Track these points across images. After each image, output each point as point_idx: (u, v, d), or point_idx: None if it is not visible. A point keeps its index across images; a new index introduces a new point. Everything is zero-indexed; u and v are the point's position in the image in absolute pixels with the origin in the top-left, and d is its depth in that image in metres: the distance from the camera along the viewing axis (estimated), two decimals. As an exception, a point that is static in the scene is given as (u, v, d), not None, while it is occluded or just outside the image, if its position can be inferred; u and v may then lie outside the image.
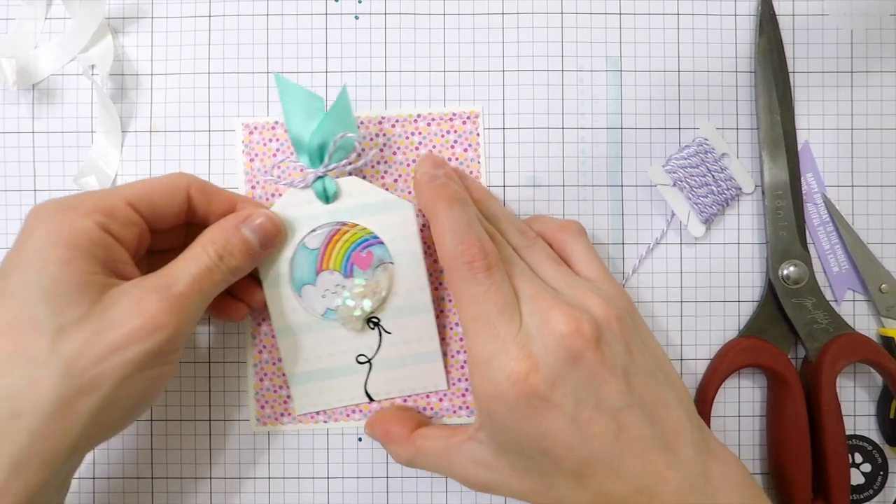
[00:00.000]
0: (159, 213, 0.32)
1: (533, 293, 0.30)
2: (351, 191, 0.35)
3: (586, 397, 0.28)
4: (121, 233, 0.30)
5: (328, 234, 0.35)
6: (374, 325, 0.36)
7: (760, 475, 0.38)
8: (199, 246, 0.31)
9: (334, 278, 0.35)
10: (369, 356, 0.36)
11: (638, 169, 0.38)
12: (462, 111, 0.38)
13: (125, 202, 0.30)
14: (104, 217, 0.29)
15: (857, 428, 0.38)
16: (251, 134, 0.38)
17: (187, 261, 0.31)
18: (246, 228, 0.32)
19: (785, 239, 0.37)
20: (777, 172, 0.37)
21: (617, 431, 0.28)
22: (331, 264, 0.35)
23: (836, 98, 0.38)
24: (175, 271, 0.30)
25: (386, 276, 0.35)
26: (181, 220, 0.33)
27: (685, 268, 0.38)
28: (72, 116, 0.38)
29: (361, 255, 0.35)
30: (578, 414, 0.28)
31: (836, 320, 0.37)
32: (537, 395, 0.28)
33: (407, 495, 0.38)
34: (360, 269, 0.35)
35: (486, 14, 0.38)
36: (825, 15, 0.39)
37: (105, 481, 0.37)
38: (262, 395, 0.37)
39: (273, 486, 0.38)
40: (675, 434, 0.29)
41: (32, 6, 0.38)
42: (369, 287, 0.35)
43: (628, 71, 0.38)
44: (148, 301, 0.28)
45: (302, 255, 0.35)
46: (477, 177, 0.38)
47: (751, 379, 0.38)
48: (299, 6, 0.38)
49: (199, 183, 0.33)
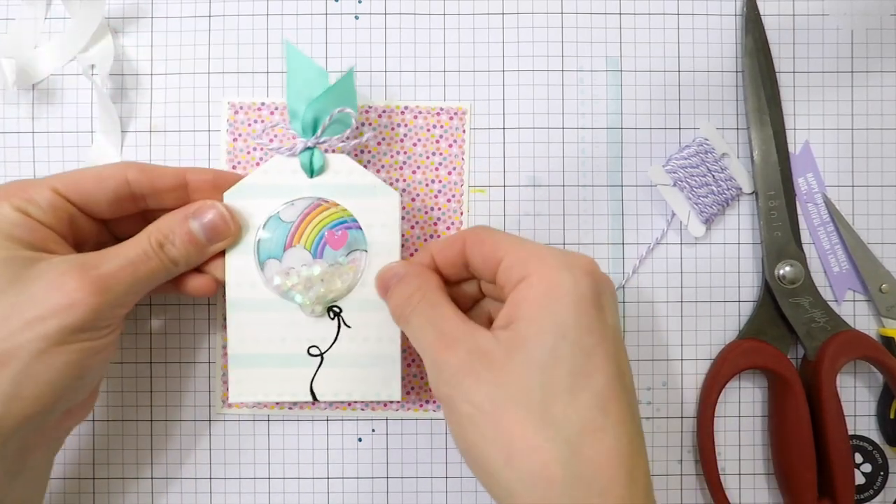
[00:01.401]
0: (92, 198, 0.32)
1: None
2: (339, 168, 0.34)
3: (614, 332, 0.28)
4: (43, 217, 0.30)
5: (305, 208, 0.33)
6: (334, 314, 0.34)
7: (764, 476, 0.38)
8: (143, 233, 0.32)
9: (302, 256, 0.33)
10: (322, 349, 0.34)
11: (638, 169, 0.38)
12: (450, 106, 0.38)
13: (49, 188, 0.31)
14: (22, 201, 0.30)
15: (857, 428, 0.38)
16: (236, 113, 0.38)
17: (126, 245, 0.31)
18: (194, 221, 0.32)
19: (780, 239, 0.37)
20: (769, 173, 0.37)
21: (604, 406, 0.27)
22: (302, 240, 0.33)
23: (836, 98, 0.38)
24: (109, 252, 0.31)
25: (356, 263, 0.34)
26: (127, 206, 0.33)
27: (685, 268, 0.38)
28: (72, 116, 0.38)
29: (336, 235, 0.33)
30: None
31: (833, 318, 0.37)
32: (599, 299, 0.28)
33: (407, 495, 0.38)
34: (332, 249, 0.33)
35: (486, 14, 0.38)
36: (825, 15, 0.39)
37: (105, 481, 0.37)
38: (228, 377, 0.37)
39: (273, 486, 0.37)
40: None
41: (32, 6, 0.38)
42: (336, 269, 0.33)
43: (628, 71, 0.38)
44: (67, 277, 0.29)
45: (273, 226, 0.33)
46: (460, 174, 0.38)
47: (751, 380, 0.38)
48: (299, 6, 0.38)
49: (139, 166, 0.32)
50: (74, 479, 0.37)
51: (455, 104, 0.38)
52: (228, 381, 0.34)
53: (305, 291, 0.33)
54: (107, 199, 0.32)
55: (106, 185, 0.32)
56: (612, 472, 0.26)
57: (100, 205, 0.32)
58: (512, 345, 0.27)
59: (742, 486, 0.38)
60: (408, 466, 0.38)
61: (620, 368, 0.28)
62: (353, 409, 0.38)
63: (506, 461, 0.26)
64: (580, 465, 0.26)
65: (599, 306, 0.28)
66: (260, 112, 0.38)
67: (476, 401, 0.27)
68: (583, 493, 0.26)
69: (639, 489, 0.26)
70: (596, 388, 0.27)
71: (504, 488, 0.27)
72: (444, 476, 0.38)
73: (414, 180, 0.37)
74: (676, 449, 0.38)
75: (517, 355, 0.27)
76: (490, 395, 0.27)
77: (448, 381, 0.28)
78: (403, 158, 0.38)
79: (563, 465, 0.26)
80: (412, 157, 0.38)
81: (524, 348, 0.27)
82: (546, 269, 0.28)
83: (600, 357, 0.27)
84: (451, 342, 0.28)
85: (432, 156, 0.38)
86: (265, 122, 0.37)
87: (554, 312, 0.27)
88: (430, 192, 0.38)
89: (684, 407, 0.38)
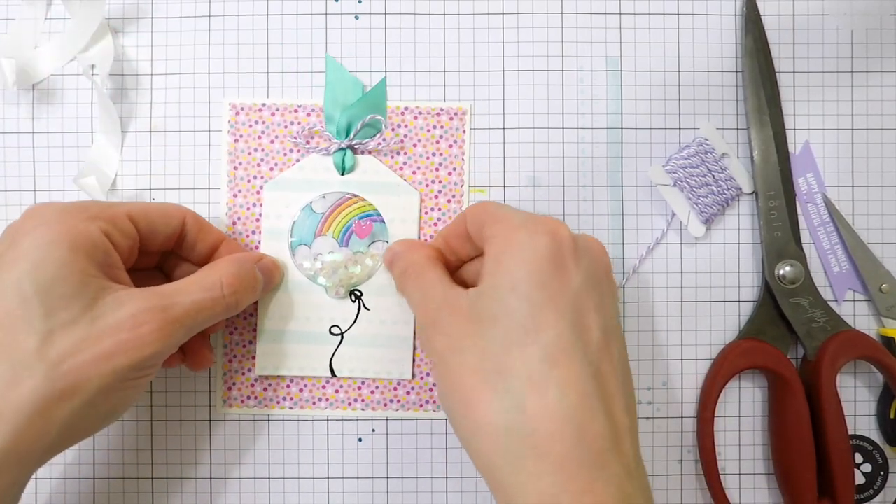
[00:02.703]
0: (155, 232, 0.32)
1: None
2: (367, 168, 0.37)
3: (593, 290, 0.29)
4: (119, 242, 0.31)
5: (336, 201, 0.37)
6: (355, 298, 0.37)
7: (765, 475, 0.38)
8: (213, 275, 0.32)
9: (329, 244, 0.37)
10: (343, 329, 0.37)
11: (638, 169, 0.38)
12: (450, 107, 0.38)
13: (126, 214, 0.31)
14: (106, 223, 0.30)
15: (857, 428, 0.38)
16: (237, 115, 0.38)
17: (197, 287, 0.31)
18: (258, 268, 0.34)
19: (780, 239, 0.37)
20: (769, 173, 0.37)
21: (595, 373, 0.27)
22: (330, 230, 0.37)
23: (836, 98, 0.38)
24: (179, 293, 0.30)
25: (377, 251, 0.37)
26: (171, 244, 0.34)
27: (685, 268, 0.38)
28: (72, 116, 0.38)
29: (363, 226, 0.37)
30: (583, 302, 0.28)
31: (833, 318, 0.37)
32: (563, 258, 0.28)
33: (407, 495, 0.38)
34: (358, 237, 0.37)
35: (486, 14, 0.38)
36: (825, 15, 0.39)
37: (105, 481, 0.37)
38: (229, 377, 0.37)
39: (273, 486, 0.38)
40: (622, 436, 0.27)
41: (32, 6, 0.38)
42: (358, 257, 0.37)
43: (628, 71, 0.38)
44: (142, 318, 0.28)
45: (305, 215, 0.37)
46: (461, 174, 0.38)
47: (751, 380, 0.38)
48: (299, 6, 0.38)
49: (195, 214, 0.34)
50: (74, 479, 0.37)
51: (455, 104, 0.38)
52: (257, 355, 0.37)
53: (330, 275, 0.36)
54: (165, 235, 0.33)
55: (170, 222, 0.33)
56: (554, 427, 0.26)
57: (157, 238, 0.33)
58: (474, 300, 0.29)
59: (742, 486, 0.38)
60: (408, 466, 0.38)
61: (579, 325, 0.27)
62: (354, 409, 0.38)
63: (462, 413, 0.28)
64: (521, 418, 0.26)
65: (558, 264, 0.28)
66: (261, 113, 0.38)
67: (440, 350, 0.29)
68: (522, 447, 0.26)
69: (588, 449, 0.26)
70: (544, 342, 0.27)
71: (461, 435, 0.28)
72: (444, 476, 0.38)
73: (414, 181, 0.38)
74: (676, 449, 0.38)
75: (475, 308, 0.28)
76: (450, 345, 0.28)
77: (423, 335, 0.31)
78: (404, 159, 0.38)
79: (505, 413, 0.26)
80: (412, 157, 0.38)
81: (480, 302, 0.28)
82: (507, 229, 0.29)
83: (551, 312, 0.27)
84: (431, 301, 0.30)
85: (432, 156, 0.38)
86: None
87: (507, 268, 0.28)
88: (430, 193, 0.38)
89: (684, 407, 0.38)
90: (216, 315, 0.31)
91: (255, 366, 0.37)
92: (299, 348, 0.37)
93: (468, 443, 0.28)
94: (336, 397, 0.37)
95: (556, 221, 0.30)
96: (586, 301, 0.28)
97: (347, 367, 0.37)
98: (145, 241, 0.32)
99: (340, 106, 0.37)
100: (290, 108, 0.38)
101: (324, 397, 0.37)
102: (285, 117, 0.38)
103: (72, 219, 0.29)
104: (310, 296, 0.37)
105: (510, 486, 0.26)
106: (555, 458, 0.26)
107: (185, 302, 0.30)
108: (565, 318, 0.27)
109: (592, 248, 0.30)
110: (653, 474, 0.38)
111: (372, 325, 0.37)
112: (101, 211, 0.30)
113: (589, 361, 0.27)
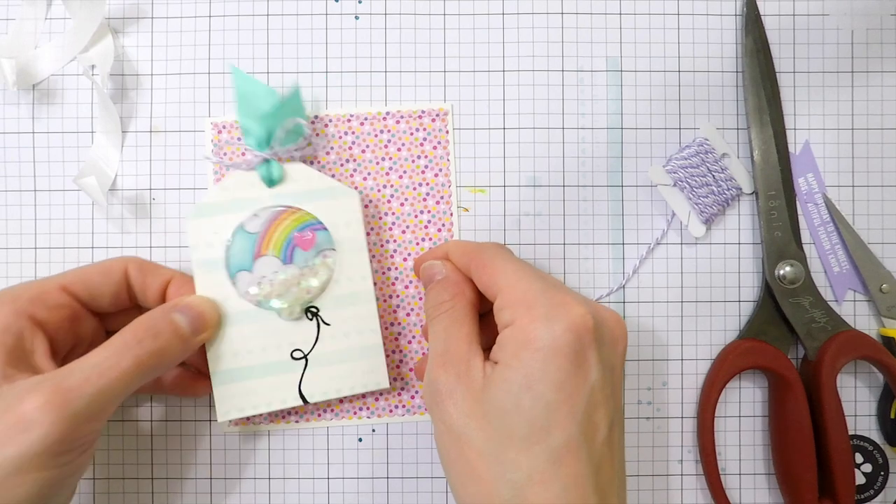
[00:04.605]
0: (97, 293, 0.32)
1: None
2: (297, 176, 0.35)
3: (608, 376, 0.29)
4: (49, 318, 0.30)
5: (270, 216, 0.34)
6: (312, 315, 0.34)
7: (765, 476, 0.38)
8: (118, 333, 0.30)
9: (272, 264, 0.34)
10: (305, 351, 0.34)
11: (638, 169, 0.38)
12: (431, 108, 0.38)
13: (58, 286, 0.31)
14: (28, 304, 0.30)
15: (857, 428, 0.38)
16: (220, 133, 0.38)
17: (98, 351, 0.29)
18: (177, 314, 0.32)
19: (780, 239, 0.37)
20: (769, 173, 0.37)
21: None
22: (270, 249, 0.34)
23: (836, 98, 0.38)
24: (78, 363, 0.28)
25: (327, 261, 0.34)
26: (123, 299, 0.33)
27: (685, 268, 0.38)
28: (72, 116, 0.38)
29: (305, 237, 0.34)
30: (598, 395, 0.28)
31: (833, 318, 0.37)
32: (584, 350, 0.28)
33: (407, 495, 0.38)
34: (302, 249, 0.34)
35: (486, 14, 0.38)
36: (825, 15, 0.39)
37: (105, 481, 0.37)
38: None
39: (273, 487, 0.37)
40: None
41: (32, 6, 0.38)
42: (310, 270, 0.34)
43: (628, 71, 0.38)
44: (25, 398, 0.26)
45: (240, 238, 0.34)
46: (447, 175, 0.38)
47: (751, 379, 0.38)
48: (299, 6, 0.38)
49: (137, 262, 0.33)
50: (74, 479, 0.37)
51: (437, 105, 0.38)
52: (215, 400, 0.34)
53: (283, 295, 0.34)
54: (110, 293, 0.32)
55: (110, 278, 0.32)
56: None
57: (104, 298, 0.32)
58: (489, 383, 0.28)
59: (742, 486, 0.38)
60: (408, 466, 0.38)
61: (588, 424, 0.27)
62: (360, 417, 0.37)
63: (461, 485, 0.28)
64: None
65: (578, 362, 0.27)
66: None
67: (448, 422, 0.28)
68: None
69: None
70: (553, 443, 0.27)
71: (460, 501, 0.28)
72: (444, 476, 0.38)
73: (401, 185, 0.37)
74: (676, 449, 0.38)
75: (488, 395, 0.28)
76: (460, 422, 0.28)
77: (433, 396, 0.29)
78: (389, 164, 0.37)
79: (506, 503, 0.26)
80: (397, 161, 0.38)
81: (493, 391, 0.28)
82: (527, 320, 0.28)
83: (563, 414, 0.27)
84: (450, 361, 0.30)
85: (417, 159, 0.38)
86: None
87: (525, 364, 0.27)
88: (418, 196, 0.38)
89: (684, 407, 0.38)
90: (126, 373, 0.29)
91: (217, 412, 0.34)
92: (262, 382, 0.34)
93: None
94: (341, 407, 0.37)
95: (578, 306, 0.28)
96: (599, 396, 0.28)
97: (320, 391, 0.34)
98: (92, 304, 0.32)
99: (256, 116, 0.34)
100: None
101: (329, 408, 0.37)
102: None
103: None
104: (262, 323, 0.34)
105: None
106: None
107: (84, 368, 0.28)
108: (576, 419, 0.27)
109: (614, 333, 0.29)
110: (653, 474, 0.38)
111: (336, 340, 0.34)
112: (25, 291, 0.30)
113: (592, 459, 0.27)
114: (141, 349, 0.29)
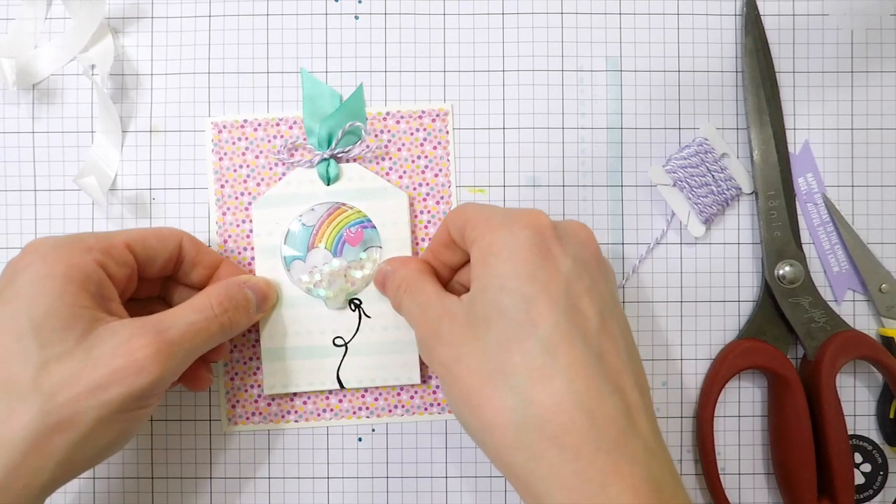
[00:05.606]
0: (153, 257, 0.33)
1: None
2: (351, 175, 0.37)
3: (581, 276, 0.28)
4: (114, 271, 0.31)
5: (325, 212, 0.37)
6: (355, 306, 0.37)
7: (764, 476, 0.38)
8: (203, 297, 0.32)
9: (323, 255, 0.37)
10: (346, 339, 0.37)
11: (638, 169, 0.38)
12: (431, 108, 0.38)
13: (123, 243, 0.31)
14: (102, 255, 0.30)
15: (857, 428, 0.38)
16: (220, 133, 0.38)
17: (188, 310, 0.31)
18: (248, 289, 0.34)
19: (779, 239, 0.37)
20: (769, 173, 0.37)
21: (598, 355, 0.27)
22: (322, 241, 0.37)
23: (836, 98, 0.38)
24: (173, 318, 0.30)
25: (373, 257, 0.37)
26: (169, 269, 0.34)
27: (685, 268, 0.38)
28: (72, 116, 0.38)
29: (352, 233, 0.37)
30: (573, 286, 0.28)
31: (833, 318, 0.37)
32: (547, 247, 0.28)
33: (407, 495, 0.38)
34: (350, 245, 0.37)
35: (486, 14, 0.38)
36: (825, 15, 0.39)
37: (105, 481, 0.37)
38: (232, 395, 0.37)
39: (273, 486, 0.38)
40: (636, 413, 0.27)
41: (32, 6, 0.38)
42: (355, 264, 0.36)
43: (628, 71, 0.38)
44: (136, 343, 0.28)
45: (297, 230, 0.37)
46: (447, 175, 0.38)
47: (751, 380, 0.38)
48: (299, 6, 0.38)
49: (191, 237, 0.35)
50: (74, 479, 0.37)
51: (437, 105, 0.38)
52: (263, 374, 0.37)
53: (329, 286, 0.36)
54: (164, 259, 0.33)
55: (167, 245, 0.33)
56: (565, 415, 0.26)
57: (156, 263, 0.33)
58: (468, 305, 0.29)
59: (742, 486, 0.38)
60: (408, 466, 0.38)
61: (573, 311, 0.27)
62: (359, 417, 0.38)
63: (470, 413, 0.28)
64: (530, 412, 0.26)
65: (544, 255, 0.28)
66: (243, 129, 0.38)
67: (443, 360, 0.29)
68: (536, 441, 0.26)
69: (603, 433, 0.25)
70: (542, 334, 0.27)
71: (476, 439, 0.28)
72: (444, 476, 0.38)
73: (401, 185, 0.37)
74: (676, 449, 0.38)
75: (470, 313, 0.29)
76: (451, 354, 0.29)
77: (425, 348, 0.30)
78: (389, 164, 0.38)
79: (513, 410, 0.26)
80: (398, 161, 0.38)
81: (473, 306, 0.29)
82: (488, 229, 0.29)
83: (544, 303, 0.27)
84: (428, 314, 0.30)
85: (418, 159, 0.38)
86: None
87: (493, 267, 0.28)
88: (418, 196, 0.38)
89: (684, 407, 0.38)
90: (212, 336, 0.31)
91: (263, 385, 0.37)
92: (305, 363, 0.37)
93: (485, 446, 0.28)
94: (340, 407, 0.37)
95: (534, 212, 0.30)
96: (577, 286, 0.28)
97: (355, 378, 0.37)
98: (144, 267, 0.33)
99: (319, 117, 0.37)
100: (271, 122, 0.37)
101: (328, 408, 0.37)
102: (268, 132, 0.37)
103: (67, 252, 0.29)
104: (310, 309, 0.37)
105: (533, 482, 0.26)
106: (571, 446, 0.25)
107: (180, 324, 0.30)
108: (559, 307, 0.27)
109: (577, 232, 0.30)
110: (653, 474, 0.38)
111: (375, 332, 0.37)
112: (97, 242, 0.30)
113: (589, 346, 0.27)
114: (225, 318, 0.32)
